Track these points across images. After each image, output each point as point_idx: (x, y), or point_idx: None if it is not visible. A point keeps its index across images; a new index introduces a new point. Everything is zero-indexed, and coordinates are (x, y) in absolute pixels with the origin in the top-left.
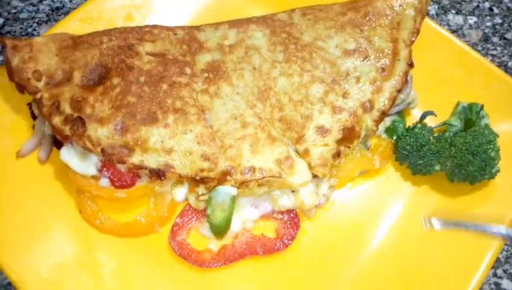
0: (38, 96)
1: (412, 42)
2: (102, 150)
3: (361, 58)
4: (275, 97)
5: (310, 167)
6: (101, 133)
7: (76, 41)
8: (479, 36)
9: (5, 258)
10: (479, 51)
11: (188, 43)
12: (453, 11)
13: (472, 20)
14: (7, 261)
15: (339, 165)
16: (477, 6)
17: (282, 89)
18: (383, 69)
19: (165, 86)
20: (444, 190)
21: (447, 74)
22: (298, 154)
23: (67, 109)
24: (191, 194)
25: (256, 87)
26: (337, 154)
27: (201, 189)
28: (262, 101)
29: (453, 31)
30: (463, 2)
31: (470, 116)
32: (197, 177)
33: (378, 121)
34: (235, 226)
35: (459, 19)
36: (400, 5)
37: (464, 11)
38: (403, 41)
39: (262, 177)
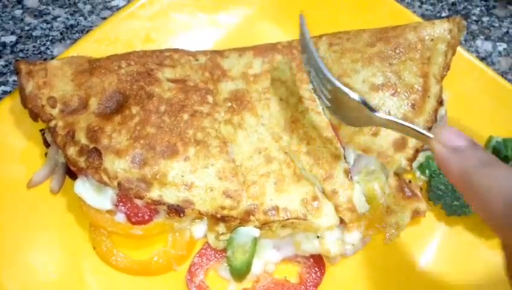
0: (52, 124)
1: (443, 77)
2: (119, 184)
3: (390, 93)
4: (302, 129)
5: (337, 210)
6: (118, 165)
7: (92, 66)
8: (508, 64)
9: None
10: (509, 80)
11: (211, 70)
12: (482, 37)
13: (501, 47)
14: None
15: (374, 213)
16: (507, 32)
17: (311, 124)
18: (413, 106)
19: (186, 116)
20: (481, 231)
21: (479, 106)
22: (325, 194)
23: (82, 139)
24: (210, 233)
25: (282, 118)
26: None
27: (221, 228)
28: (289, 133)
29: (482, 58)
30: (492, 28)
31: (506, 152)
32: (218, 215)
33: (412, 160)
34: (256, 268)
35: (488, 46)
36: (432, 40)
37: (492, 37)
38: (433, 76)
39: (287, 219)
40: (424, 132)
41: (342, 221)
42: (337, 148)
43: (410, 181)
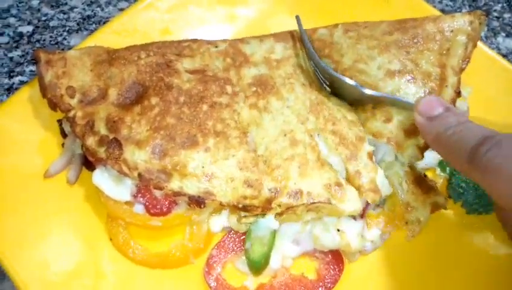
0: (71, 114)
1: (462, 70)
2: (139, 175)
3: (406, 79)
4: (328, 111)
5: (360, 191)
6: (138, 156)
7: (112, 56)
8: None
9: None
10: None
11: (232, 56)
12: (503, 34)
13: None
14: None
15: (393, 210)
16: None
17: (336, 105)
18: (430, 94)
19: (205, 107)
20: (502, 229)
21: (500, 102)
22: (347, 176)
23: (102, 129)
24: (232, 215)
25: (308, 100)
26: None
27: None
28: (315, 113)
29: (503, 55)
30: None
31: None
32: (240, 205)
33: (423, 149)
34: (274, 262)
35: (510, 43)
36: (452, 31)
37: None
38: (451, 67)
39: (312, 203)
40: (406, 101)
41: (362, 215)
42: (361, 130)
43: (425, 175)
